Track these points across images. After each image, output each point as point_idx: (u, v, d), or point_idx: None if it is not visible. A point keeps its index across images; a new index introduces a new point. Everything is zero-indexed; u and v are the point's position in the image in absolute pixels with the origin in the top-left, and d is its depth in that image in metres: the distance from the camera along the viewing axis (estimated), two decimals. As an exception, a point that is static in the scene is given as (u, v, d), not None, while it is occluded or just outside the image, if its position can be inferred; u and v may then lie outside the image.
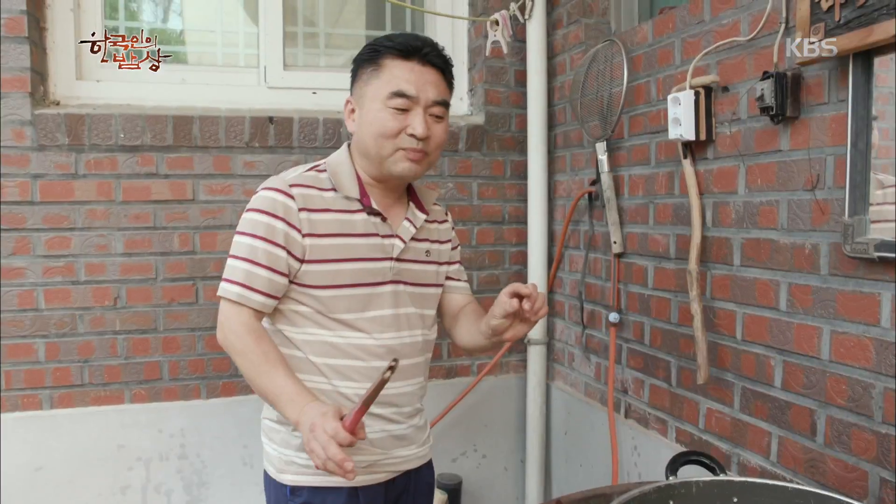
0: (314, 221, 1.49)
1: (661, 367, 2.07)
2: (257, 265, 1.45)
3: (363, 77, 1.53)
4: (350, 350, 1.51)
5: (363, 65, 1.53)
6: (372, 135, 1.50)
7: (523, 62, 2.68)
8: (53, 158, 2.30)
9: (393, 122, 1.48)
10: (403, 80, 1.48)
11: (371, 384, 1.23)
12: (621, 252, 2.24)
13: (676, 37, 1.94)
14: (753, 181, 1.67)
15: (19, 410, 2.33)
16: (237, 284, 1.45)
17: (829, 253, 1.48)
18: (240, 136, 2.45)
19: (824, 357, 1.50)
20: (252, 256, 1.45)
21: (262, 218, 1.47)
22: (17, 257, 2.29)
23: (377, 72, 1.50)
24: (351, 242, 1.51)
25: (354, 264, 1.51)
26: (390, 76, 1.48)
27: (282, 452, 1.53)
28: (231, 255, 1.49)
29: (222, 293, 1.47)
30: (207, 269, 2.46)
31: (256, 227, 1.47)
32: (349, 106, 1.58)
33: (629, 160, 2.19)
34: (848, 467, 1.45)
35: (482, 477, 2.81)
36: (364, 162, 1.56)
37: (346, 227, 1.51)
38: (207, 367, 2.49)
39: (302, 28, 2.75)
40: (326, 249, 1.49)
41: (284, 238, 1.46)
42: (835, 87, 1.44)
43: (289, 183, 1.50)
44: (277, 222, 1.46)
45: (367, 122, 1.50)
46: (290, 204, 1.48)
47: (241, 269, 1.45)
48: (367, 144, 1.52)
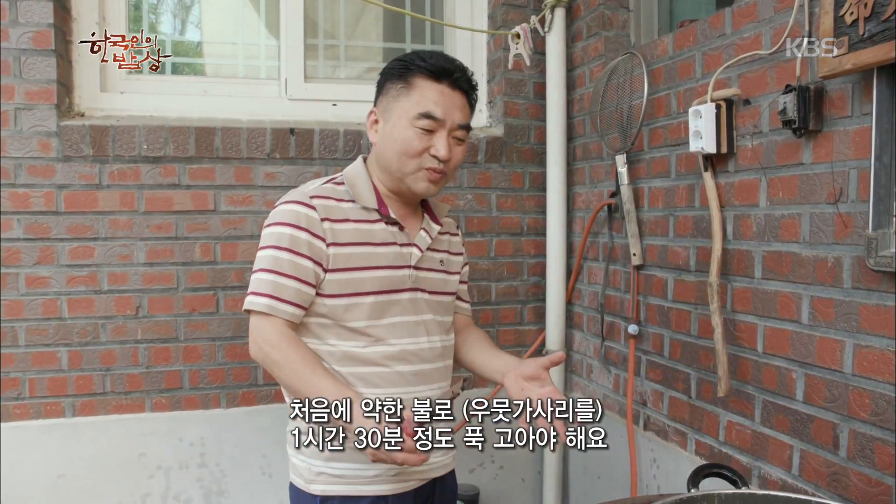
0: (336, 231, 1.51)
1: (680, 379, 2.06)
2: (283, 276, 1.46)
3: (391, 91, 1.54)
4: (372, 357, 1.52)
5: (392, 79, 1.55)
6: (396, 152, 1.52)
7: (542, 74, 2.69)
8: (78, 169, 2.33)
9: (418, 141, 1.50)
10: (432, 102, 1.50)
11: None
12: (641, 264, 2.24)
13: (697, 50, 1.95)
14: (775, 194, 1.67)
15: (42, 418, 2.36)
16: (265, 296, 1.45)
17: (851, 266, 1.47)
18: (261, 148, 2.47)
19: (847, 370, 1.49)
20: (277, 268, 1.46)
21: (285, 230, 1.48)
22: (41, 266, 2.32)
23: (406, 90, 1.52)
24: (371, 251, 1.53)
25: (375, 272, 1.53)
26: (420, 97, 1.51)
27: (310, 463, 1.53)
28: (255, 269, 1.50)
29: (250, 306, 1.47)
30: (228, 280, 2.48)
31: (280, 238, 1.48)
32: (373, 117, 1.59)
33: (649, 172, 2.19)
34: (872, 482, 1.44)
35: (499, 488, 2.80)
36: (383, 175, 1.58)
37: (366, 237, 1.53)
38: (227, 376, 2.50)
39: (322, 41, 2.77)
40: (349, 258, 1.51)
41: (309, 248, 1.48)
42: (858, 100, 1.43)
43: (309, 195, 1.52)
44: (301, 233, 1.48)
45: (393, 138, 1.52)
46: (313, 214, 1.49)
47: (268, 280, 1.46)
48: (390, 160, 1.54)
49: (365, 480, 1.51)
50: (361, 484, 1.51)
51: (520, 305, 2.79)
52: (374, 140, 1.59)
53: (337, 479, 1.50)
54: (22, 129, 2.27)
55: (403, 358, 1.54)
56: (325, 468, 1.51)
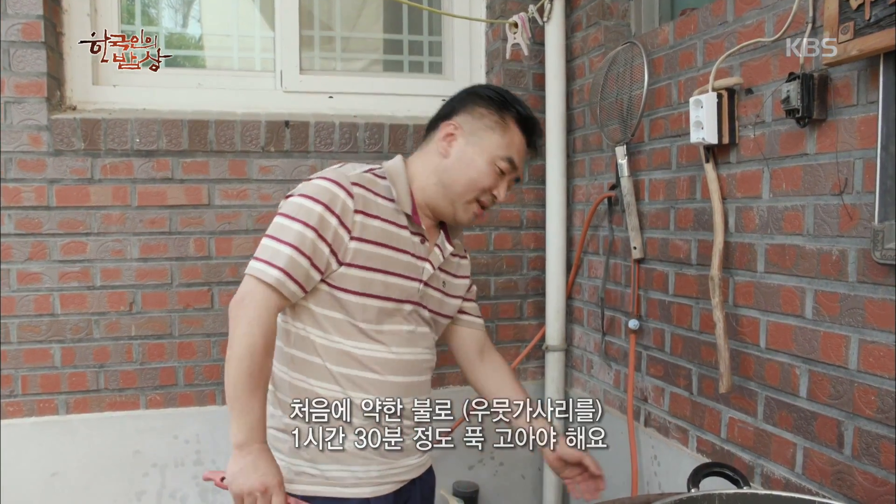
0: (366, 226, 1.47)
1: (681, 375, 2.03)
2: (302, 254, 1.41)
3: (484, 119, 1.54)
4: (367, 362, 1.50)
5: (487, 106, 1.55)
6: (468, 178, 1.53)
7: (541, 65, 2.65)
8: (69, 163, 2.30)
9: (490, 180, 1.54)
10: (517, 151, 1.56)
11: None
12: (641, 258, 2.20)
13: (698, 38, 1.91)
14: (778, 185, 1.63)
15: (35, 415, 2.33)
16: (278, 269, 1.40)
17: (857, 259, 1.43)
18: (255, 141, 2.44)
19: (852, 366, 1.45)
20: (299, 244, 1.41)
21: (316, 207, 1.43)
22: (33, 262, 2.30)
23: (500, 128, 1.54)
24: (392, 255, 1.51)
25: (389, 277, 1.50)
26: (511, 141, 1.55)
27: (291, 462, 1.51)
28: (273, 236, 1.43)
29: (257, 273, 1.40)
30: (223, 275, 2.45)
31: (310, 215, 1.42)
32: (450, 129, 1.55)
33: (650, 164, 2.16)
34: (877, 481, 1.41)
35: (499, 485, 2.77)
36: (432, 188, 1.56)
37: (391, 239, 1.51)
38: (223, 372, 2.44)
39: (318, 32, 2.74)
40: (371, 256, 1.48)
41: (333, 235, 1.43)
42: (864, 88, 1.39)
43: (351, 180, 1.48)
44: (332, 217, 1.43)
45: (469, 164, 1.52)
46: (349, 203, 1.45)
47: (286, 254, 1.40)
48: (456, 182, 1.53)
49: (348, 483, 1.50)
50: (344, 486, 1.50)
51: (519, 300, 2.75)
52: (444, 152, 1.56)
53: (319, 481, 1.49)
54: (12, 123, 2.24)
55: (398, 368, 1.53)
56: (308, 468, 1.50)
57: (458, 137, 1.55)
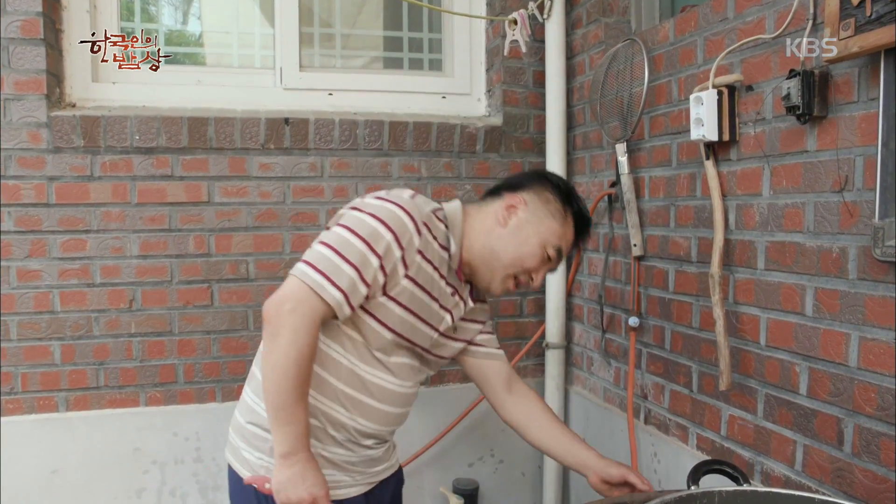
0: (421, 269, 1.47)
1: (681, 372, 2.03)
2: (363, 281, 1.39)
3: (549, 204, 1.57)
4: (372, 388, 1.51)
5: (553, 193, 1.58)
6: (516, 255, 1.54)
7: (542, 62, 2.65)
8: (69, 160, 2.30)
9: (536, 261, 1.55)
10: (567, 244, 1.59)
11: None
12: (641, 255, 2.20)
13: (699, 35, 1.90)
14: (778, 182, 1.63)
15: (35, 413, 2.33)
16: (339, 290, 1.37)
17: (857, 257, 1.43)
18: (255, 138, 2.44)
19: (852, 364, 1.45)
20: (362, 268, 1.39)
21: (386, 235, 1.41)
22: (32, 259, 2.29)
23: (560, 217, 1.57)
24: (427, 302, 1.51)
25: (418, 321, 1.51)
26: (565, 233, 1.58)
27: (268, 461, 1.51)
28: (335, 248, 1.39)
29: (313, 285, 1.36)
30: (223, 272, 2.45)
31: (378, 241, 1.40)
32: (515, 202, 1.56)
33: (650, 161, 2.15)
34: (877, 478, 1.41)
35: (499, 482, 2.77)
36: (478, 250, 1.56)
37: (431, 286, 1.51)
38: (223, 370, 2.47)
39: (318, 29, 2.73)
40: (412, 298, 1.48)
41: (392, 267, 1.43)
42: (865, 84, 1.39)
43: (423, 219, 1.47)
44: (398, 250, 1.42)
45: (523, 241, 1.54)
46: (416, 240, 1.45)
47: (349, 276, 1.38)
48: (504, 253, 1.55)
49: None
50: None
51: (519, 297, 2.75)
52: (502, 221, 1.56)
53: None
54: (11, 120, 2.24)
55: (395, 399, 1.55)
56: None
57: (520, 212, 1.56)
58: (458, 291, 1.59)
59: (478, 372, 1.74)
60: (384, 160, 2.57)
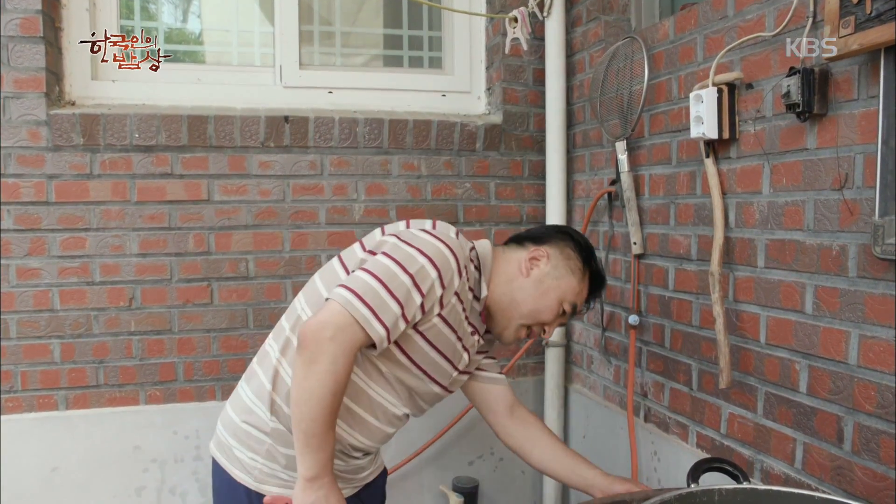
0: (453, 310, 1.49)
1: (681, 370, 2.03)
2: (404, 317, 1.39)
3: (570, 262, 1.60)
4: (377, 409, 1.53)
5: (575, 250, 1.62)
6: (534, 305, 1.57)
7: (542, 60, 2.65)
8: (68, 159, 2.30)
9: (551, 315, 1.59)
10: (581, 301, 1.63)
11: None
12: (641, 253, 2.20)
13: (699, 33, 1.90)
14: (778, 180, 1.63)
15: (35, 411, 2.33)
16: (383, 326, 1.36)
17: (857, 254, 1.43)
18: (255, 136, 2.43)
19: (852, 362, 1.45)
20: (406, 305, 1.38)
21: (432, 273, 1.41)
22: (32, 258, 2.29)
23: (580, 276, 1.61)
24: (452, 340, 1.52)
25: (440, 358, 1.53)
26: (580, 290, 1.62)
27: (265, 464, 1.52)
28: (382, 280, 1.37)
29: (358, 318, 1.33)
30: (222, 270, 2.45)
31: (424, 278, 1.40)
32: (541, 253, 1.59)
33: (650, 159, 2.15)
34: (877, 476, 1.40)
35: (499, 480, 2.77)
36: (498, 297, 1.59)
37: (458, 326, 1.52)
38: (223, 368, 2.47)
39: (318, 27, 2.73)
40: (439, 336, 1.49)
41: (430, 306, 1.43)
42: (865, 82, 1.38)
43: (464, 262, 1.48)
44: (439, 289, 1.43)
45: (542, 294, 1.57)
46: (455, 282, 1.46)
47: (394, 313, 1.37)
48: (523, 303, 1.57)
49: None
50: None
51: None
52: (525, 272, 1.58)
53: (289, 484, 1.50)
54: (11, 118, 2.24)
55: (393, 419, 1.57)
56: (282, 473, 1.52)
57: (542, 264, 1.59)
58: (477, 331, 1.60)
59: (480, 396, 1.74)
60: (384, 158, 2.57)
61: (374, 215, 2.56)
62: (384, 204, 2.59)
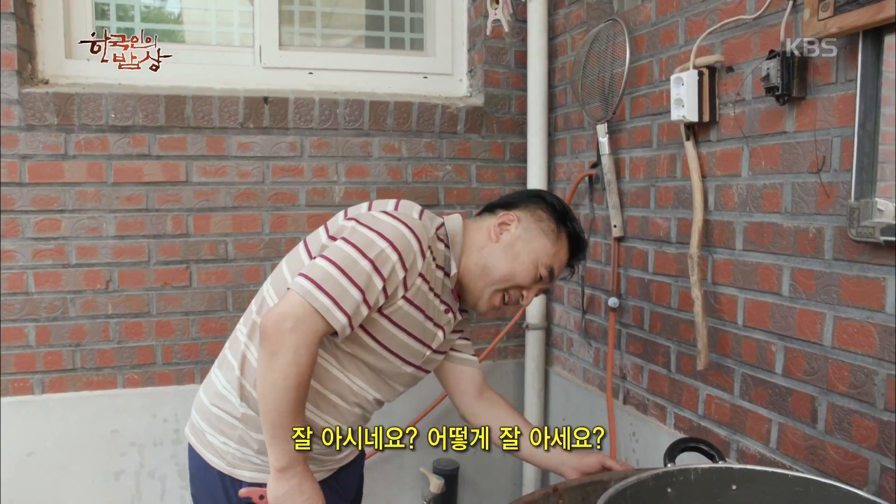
0: (419, 291, 1.45)
1: (660, 352, 2.04)
2: (366, 303, 1.36)
3: (542, 223, 1.56)
4: (341, 389, 1.51)
5: (547, 211, 1.57)
6: (507, 269, 1.53)
7: (524, 43, 2.64)
8: (42, 139, 2.26)
9: (526, 279, 1.54)
10: (559, 264, 1.58)
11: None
12: (621, 236, 2.20)
13: (680, 16, 1.90)
14: (757, 163, 1.64)
15: (10, 395, 2.30)
16: (345, 314, 1.33)
17: (833, 237, 1.44)
18: (234, 117, 2.41)
19: (826, 343, 1.47)
20: (367, 290, 1.35)
21: (392, 256, 1.38)
22: (6, 240, 2.26)
23: (554, 238, 1.55)
24: (420, 320, 1.49)
25: (410, 339, 1.50)
26: (557, 253, 1.56)
27: (237, 449, 1.51)
28: (341, 267, 1.34)
29: (318, 306, 1.31)
30: (201, 252, 2.42)
31: (385, 262, 1.37)
32: (506, 219, 1.55)
33: (630, 142, 2.15)
34: (848, 455, 1.43)
35: (479, 462, 2.79)
36: (470, 267, 1.55)
37: (428, 307, 1.49)
38: (202, 351, 2.46)
39: (298, 7, 2.69)
40: (406, 317, 1.46)
41: (394, 289, 1.40)
42: (843, 66, 1.39)
43: (428, 242, 1.45)
44: (401, 271, 1.39)
45: (513, 257, 1.53)
46: (419, 263, 1.42)
47: (355, 300, 1.34)
48: (494, 268, 1.53)
49: None
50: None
51: (500, 279, 2.75)
52: (494, 237, 1.54)
53: (262, 468, 1.50)
54: (-18, 97, 2.19)
55: (366, 404, 1.56)
56: (254, 458, 1.51)
57: (511, 228, 1.55)
58: (451, 308, 1.58)
59: (451, 376, 1.72)
60: (364, 140, 2.55)
61: (355, 197, 2.55)
62: (364, 186, 2.57)
